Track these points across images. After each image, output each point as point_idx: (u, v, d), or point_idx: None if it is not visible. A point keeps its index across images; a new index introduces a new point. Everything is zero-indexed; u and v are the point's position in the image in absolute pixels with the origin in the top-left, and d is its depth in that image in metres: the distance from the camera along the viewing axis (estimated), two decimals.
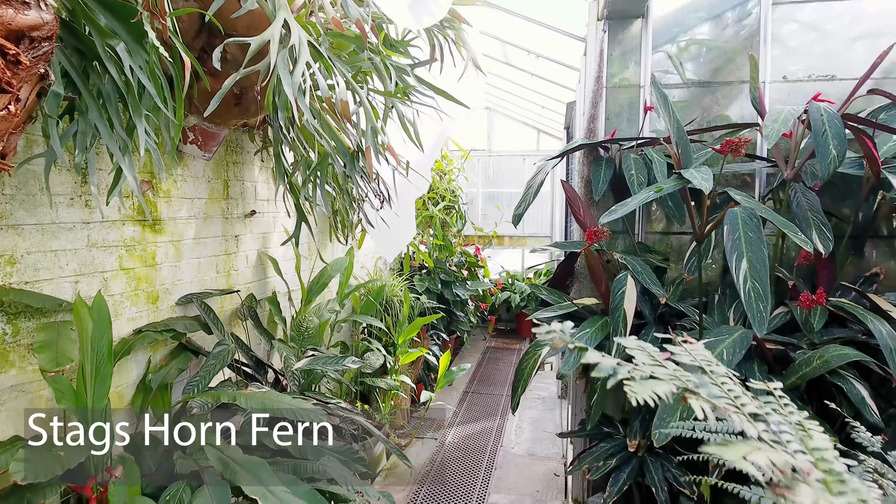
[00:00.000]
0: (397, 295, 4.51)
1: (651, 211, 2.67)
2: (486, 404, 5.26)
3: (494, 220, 7.91)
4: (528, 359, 2.26)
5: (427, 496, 3.62)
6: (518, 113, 7.77)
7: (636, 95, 2.57)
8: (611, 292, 2.15)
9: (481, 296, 7.26)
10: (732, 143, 1.67)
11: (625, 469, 2.21)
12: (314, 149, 2.51)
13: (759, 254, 1.68)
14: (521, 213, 2.44)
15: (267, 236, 3.36)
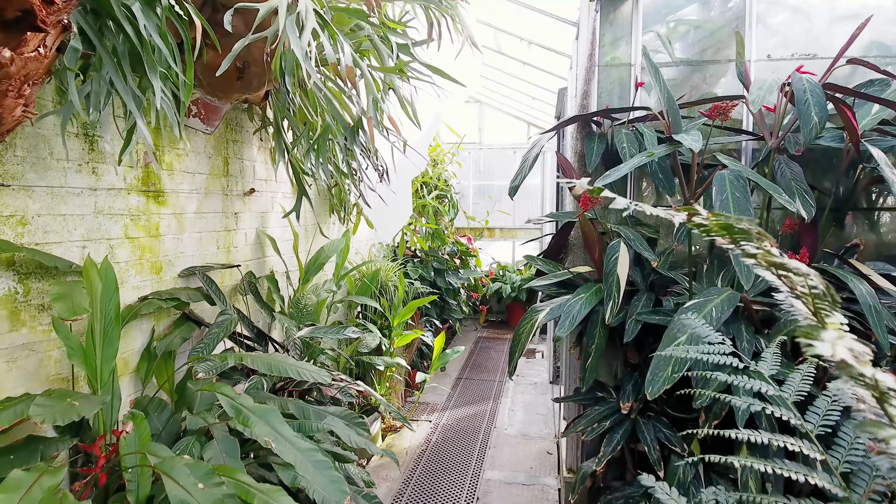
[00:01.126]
0: (392, 280, 4.56)
1: (641, 188, 2.77)
2: (479, 390, 5.33)
3: (486, 209, 8.00)
4: (525, 324, 2.34)
5: (423, 473, 3.68)
6: (509, 106, 7.87)
7: (627, 74, 2.66)
8: (604, 259, 2.23)
9: (473, 285, 7.34)
10: (720, 108, 1.76)
11: (618, 430, 2.29)
12: (317, 115, 2.55)
13: (746, 213, 1.77)
14: (517, 184, 2.51)
15: (265, 216, 3.40)
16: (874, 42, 2.51)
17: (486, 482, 3.60)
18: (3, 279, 1.81)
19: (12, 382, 1.86)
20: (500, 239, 8.34)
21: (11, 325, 1.85)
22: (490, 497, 3.42)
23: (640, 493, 2.32)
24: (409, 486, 3.52)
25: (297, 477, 1.86)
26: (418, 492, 3.46)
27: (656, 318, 2.16)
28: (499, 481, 3.61)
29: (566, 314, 2.19)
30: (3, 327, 1.81)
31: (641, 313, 2.19)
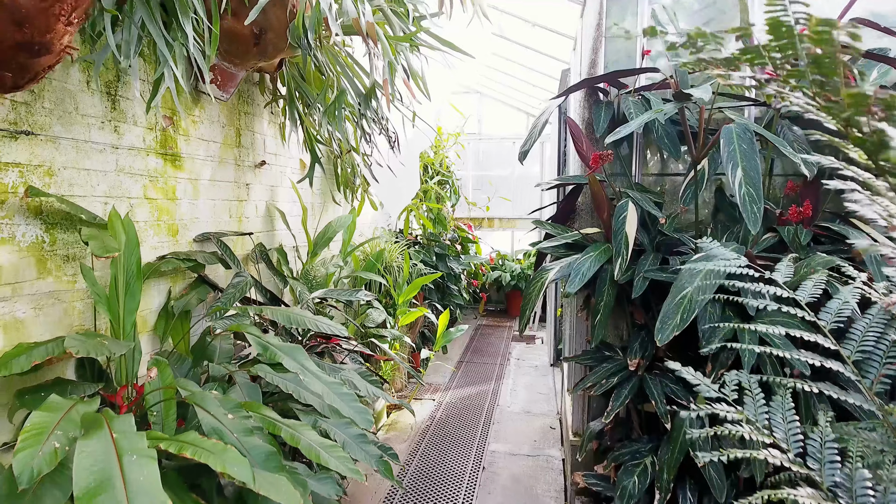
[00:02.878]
0: (396, 260, 4.62)
1: (646, 159, 2.84)
2: (481, 372, 5.39)
3: (487, 197, 8.08)
4: (535, 283, 2.40)
5: (429, 446, 3.74)
6: (508, 96, 7.94)
7: (633, 45, 2.73)
8: (613, 219, 2.30)
9: (473, 272, 7.40)
10: None
11: (626, 386, 2.36)
12: (334, 77, 2.60)
13: (752, 162, 1.84)
14: (527, 150, 2.58)
15: (275, 189, 3.46)
16: (870, 13, 2.59)
17: (491, 453, 3.66)
18: (32, 227, 1.86)
19: (39, 328, 1.91)
20: (499, 229, 8.41)
21: (38, 273, 1.90)
22: (496, 466, 3.48)
23: (648, 448, 2.38)
24: (416, 457, 3.57)
25: (318, 420, 1.92)
26: (425, 462, 3.51)
27: (663, 276, 2.23)
28: (504, 453, 3.67)
29: (576, 271, 2.25)
30: (30, 274, 1.86)
31: (649, 271, 2.26)
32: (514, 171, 8.37)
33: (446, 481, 3.28)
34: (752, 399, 1.01)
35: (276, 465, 1.53)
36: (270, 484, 1.39)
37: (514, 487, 3.23)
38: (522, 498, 3.11)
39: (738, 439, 0.95)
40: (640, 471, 2.27)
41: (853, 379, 1.00)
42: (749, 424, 0.94)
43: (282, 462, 1.56)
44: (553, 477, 3.35)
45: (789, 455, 0.90)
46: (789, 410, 0.98)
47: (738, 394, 1.03)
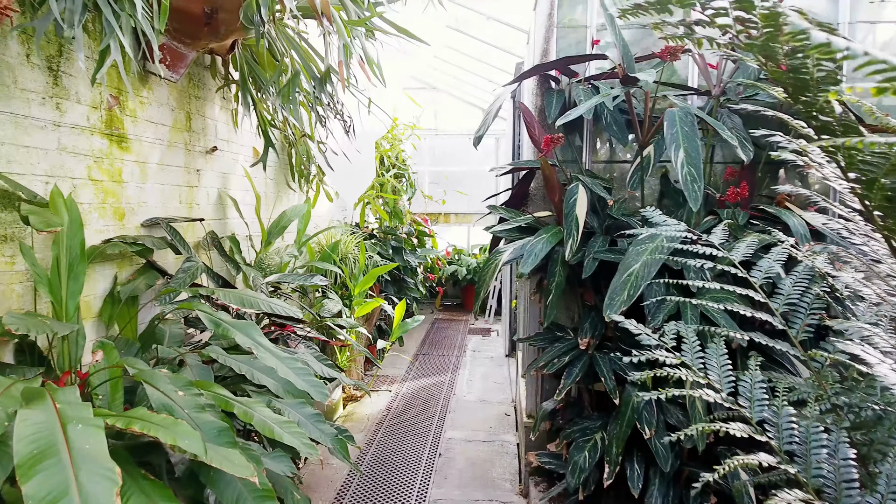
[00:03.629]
0: (352, 251, 4.60)
1: (596, 148, 2.93)
2: (438, 363, 5.42)
3: (442, 197, 8.11)
4: (489, 265, 2.45)
5: (385, 435, 3.74)
6: (465, 92, 8.01)
7: (583, 36, 2.81)
8: (564, 201, 2.36)
9: (430, 266, 7.43)
10: (670, 49, 1.91)
11: (577, 364, 2.43)
12: (289, 57, 2.57)
13: (693, 144, 1.93)
14: (481, 135, 2.62)
15: (227, 177, 3.39)
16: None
17: (447, 440, 3.69)
18: None
19: None
20: (455, 224, 8.46)
21: None
22: (452, 452, 3.51)
23: (598, 424, 2.46)
24: (373, 446, 3.57)
25: (273, 401, 1.90)
26: (382, 450, 3.51)
27: (612, 256, 2.31)
28: (460, 439, 3.71)
29: (529, 253, 2.31)
30: None
31: (598, 252, 2.34)
32: (470, 168, 8.44)
33: (403, 468, 3.29)
34: (690, 346, 1.07)
35: (230, 440, 1.51)
36: (223, 457, 1.37)
37: (470, 471, 3.27)
38: (478, 481, 3.16)
39: (675, 382, 1.01)
40: (591, 446, 2.35)
41: (781, 328, 1.08)
42: (686, 368, 1.00)
43: (235, 438, 1.54)
44: (508, 461, 3.41)
45: (722, 394, 0.97)
46: (723, 356, 1.05)
47: (678, 344, 1.09)
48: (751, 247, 1.26)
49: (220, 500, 1.47)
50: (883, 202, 0.59)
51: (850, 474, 0.85)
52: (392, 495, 3.00)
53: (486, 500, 2.97)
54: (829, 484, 0.86)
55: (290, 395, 1.95)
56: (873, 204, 0.61)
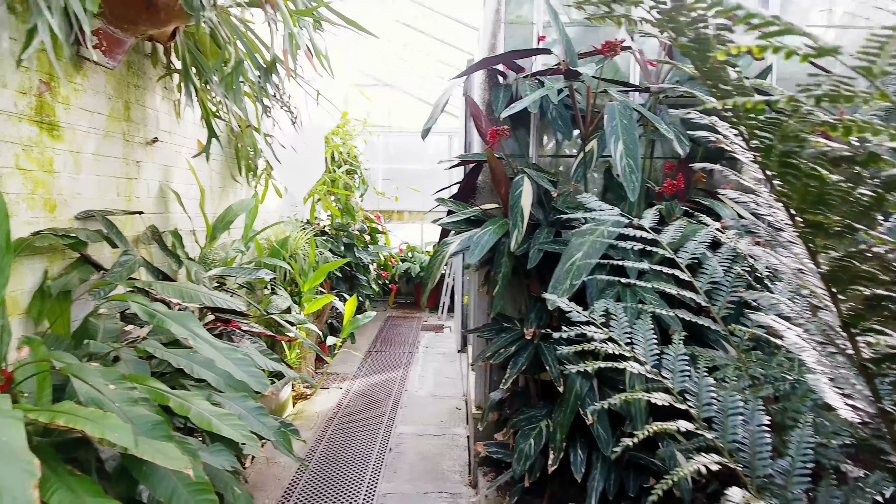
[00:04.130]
0: (302, 247, 4.53)
1: (543, 143, 2.98)
2: (390, 360, 5.41)
3: (396, 194, 8.09)
4: (437, 256, 2.46)
5: (335, 432, 3.71)
6: (419, 88, 8.01)
7: (530, 32, 2.86)
8: (510, 194, 2.40)
9: (383, 263, 7.40)
10: (611, 43, 1.97)
11: (523, 353, 2.47)
12: (233, 45, 2.51)
13: (631, 136, 1.99)
14: (428, 127, 2.63)
15: (170, 169, 3.29)
16: None
17: (398, 435, 3.68)
18: None
19: None
20: (409, 222, 8.46)
21: None
22: (403, 447, 3.51)
23: (543, 412, 2.51)
24: (322, 443, 3.53)
25: (213, 395, 1.86)
26: (332, 447, 3.48)
27: (556, 247, 2.36)
28: (411, 434, 3.71)
29: (475, 244, 2.33)
30: None
31: (543, 243, 2.38)
32: (424, 166, 8.45)
33: (353, 464, 3.27)
34: (618, 323, 1.11)
35: (164, 434, 1.47)
36: (156, 450, 1.33)
37: (421, 465, 3.28)
38: (428, 474, 3.17)
39: (604, 356, 1.04)
40: (536, 434, 2.39)
41: (704, 305, 1.13)
42: (614, 343, 1.04)
43: (171, 432, 1.50)
44: (459, 453, 3.43)
45: (647, 367, 1.01)
46: (649, 331, 1.09)
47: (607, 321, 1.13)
48: (679, 230, 1.32)
49: (153, 495, 1.43)
50: (779, 168, 0.62)
51: (764, 439, 0.91)
52: (341, 492, 2.97)
53: (435, 492, 2.98)
54: (744, 448, 0.91)
55: (232, 388, 1.91)
56: (772, 172, 0.65)
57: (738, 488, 0.75)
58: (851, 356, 0.71)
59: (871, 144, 0.54)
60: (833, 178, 0.57)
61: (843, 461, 0.95)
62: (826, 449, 0.95)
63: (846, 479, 0.93)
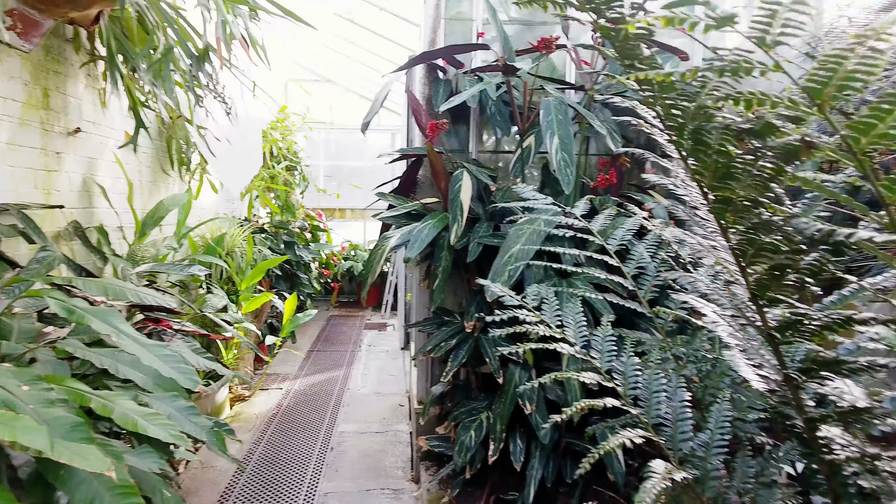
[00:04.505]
0: (239, 245, 4.40)
1: (483, 140, 3.01)
2: (332, 359, 5.33)
3: (337, 192, 7.97)
4: (377, 250, 2.44)
5: (275, 433, 3.62)
6: (361, 86, 7.93)
7: (469, 28, 2.89)
8: (449, 188, 2.41)
9: (325, 261, 7.28)
10: (546, 40, 2.01)
11: (463, 347, 2.49)
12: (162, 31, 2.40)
13: (566, 131, 2.04)
14: (368, 120, 2.61)
15: (94, 162, 3.12)
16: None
17: (340, 434, 3.64)
18: None
19: None
20: (352, 220, 8.36)
21: None
22: (345, 446, 3.47)
23: (484, 405, 2.54)
24: (261, 445, 3.44)
25: (140, 395, 1.78)
26: (271, 449, 3.40)
27: (495, 241, 2.39)
28: (353, 432, 3.67)
29: (415, 238, 2.33)
30: None
31: (483, 237, 2.41)
32: (366, 163, 8.37)
33: (293, 465, 3.20)
34: (549, 306, 1.14)
35: (85, 436, 1.39)
36: (74, 453, 1.26)
37: (363, 462, 3.25)
38: (371, 471, 3.14)
39: (537, 339, 1.07)
40: (477, 425, 2.41)
41: (632, 289, 1.17)
42: (545, 325, 1.06)
43: (92, 434, 1.42)
44: (401, 449, 3.42)
45: (577, 347, 1.04)
46: (578, 314, 1.12)
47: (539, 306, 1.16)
48: (608, 218, 1.37)
49: (72, 501, 1.35)
50: (692, 147, 0.66)
51: (685, 414, 0.95)
52: (280, 493, 2.90)
53: (377, 489, 2.96)
54: (667, 423, 0.95)
55: (161, 388, 1.83)
56: (685, 150, 0.68)
57: (660, 461, 0.78)
58: (760, 326, 0.76)
59: (770, 116, 0.57)
60: (738, 152, 0.60)
61: (758, 433, 1.01)
62: (742, 423, 1.01)
63: (761, 449, 0.99)
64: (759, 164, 0.59)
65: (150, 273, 2.47)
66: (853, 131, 0.54)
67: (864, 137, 0.55)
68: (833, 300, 0.88)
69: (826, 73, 0.53)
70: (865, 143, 0.54)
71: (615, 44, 0.66)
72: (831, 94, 0.54)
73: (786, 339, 0.73)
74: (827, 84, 0.53)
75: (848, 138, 0.55)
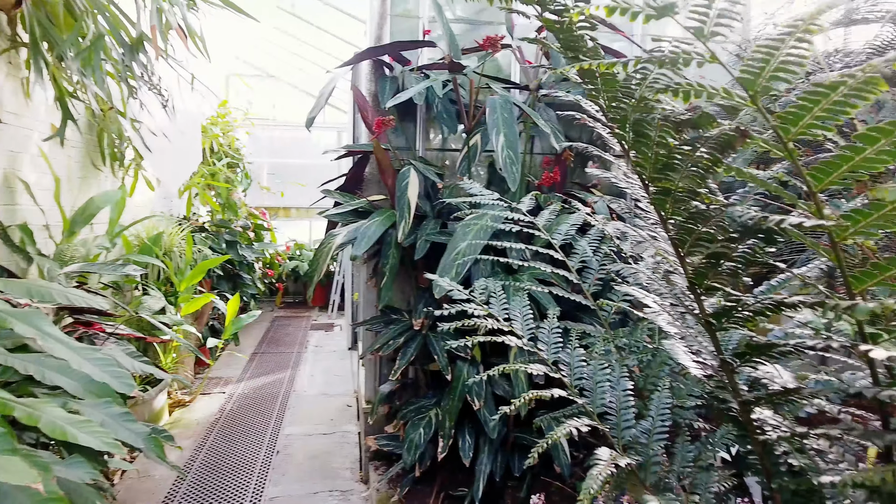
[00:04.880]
0: (178, 245, 4.24)
1: (430, 138, 3.02)
2: (277, 361, 5.21)
3: (281, 190, 7.79)
4: (323, 247, 2.41)
5: (218, 438, 3.50)
6: (306, 83, 7.77)
7: (416, 26, 2.89)
8: (397, 185, 2.40)
9: (269, 261, 7.11)
10: (491, 39, 2.03)
11: (412, 344, 2.48)
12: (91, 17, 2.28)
13: (511, 129, 2.07)
14: (313, 115, 2.56)
15: (17, 156, 2.92)
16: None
17: (286, 437, 3.56)
18: None
19: None
20: (297, 219, 8.19)
21: None
22: (291, 448, 3.40)
23: (433, 402, 2.54)
24: (203, 451, 3.32)
25: (70, 402, 1.68)
26: (214, 455, 3.28)
27: (443, 238, 2.39)
28: (300, 434, 3.60)
29: (362, 235, 2.31)
30: None
31: (430, 234, 2.41)
32: (311, 161, 8.22)
33: (238, 470, 3.11)
34: (496, 300, 1.15)
35: (8, 447, 1.30)
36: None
37: (310, 465, 3.19)
38: (318, 473, 3.09)
39: (485, 332, 1.08)
40: (426, 423, 2.41)
41: (576, 282, 1.20)
42: (493, 319, 1.07)
43: (16, 445, 1.33)
44: (349, 450, 3.38)
45: (524, 340, 1.05)
46: (525, 307, 1.14)
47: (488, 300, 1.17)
48: (553, 213, 1.40)
49: None
50: (633, 139, 0.68)
51: (628, 402, 0.98)
52: (224, 500, 2.81)
53: (325, 491, 2.91)
54: (612, 412, 0.98)
55: (93, 394, 1.73)
56: (627, 143, 0.70)
57: (606, 448, 0.80)
58: (698, 314, 0.79)
59: (705, 108, 0.60)
60: (675, 143, 0.63)
61: (695, 419, 1.05)
62: (681, 410, 1.05)
63: (698, 435, 1.03)
64: (696, 155, 0.62)
65: (79, 274, 2.34)
66: (783, 122, 0.58)
67: (793, 127, 0.58)
68: (763, 290, 0.93)
69: (759, 64, 0.56)
70: (795, 132, 0.58)
71: (560, 36, 0.68)
72: (763, 83, 0.57)
73: (722, 325, 0.77)
74: (760, 74, 0.56)
75: (778, 128, 0.58)
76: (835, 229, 0.63)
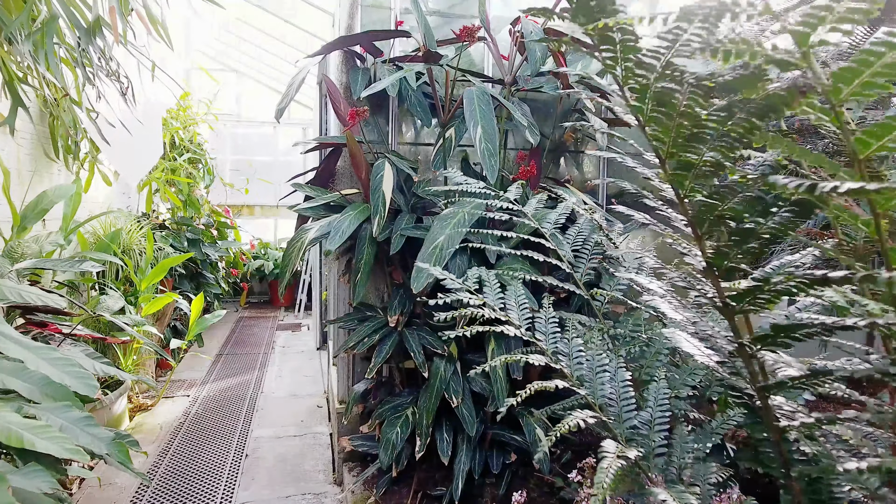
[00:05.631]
0: (137, 242, 4.07)
1: (402, 131, 2.96)
2: (244, 362, 5.07)
3: (246, 178, 7.58)
4: (295, 243, 2.33)
5: (183, 443, 3.37)
6: (272, 78, 7.60)
7: (387, 16, 2.82)
8: (371, 178, 2.34)
9: (233, 259, 6.92)
10: (468, 29, 1.99)
11: (387, 341, 2.42)
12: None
13: (489, 121, 2.04)
14: (283, 107, 2.48)
15: None
16: None
17: (255, 440, 3.45)
18: None
19: None
20: (261, 217, 8.01)
21: None
22: (260, 451, 3.30)
23: (409, 400, 2.49)
24: (168, 457, 3.19)
25: (26, 407, 1.57)
26: (178, 460, 3.16)
27: (418, 233, 2.34)
28: (269, 437, 3.50)
29: (336, 230, 2.24)
30: None
31: (405, 228, 2.36)
32: (277, 158, 8.05)
33: (204, 475, 3.00)
34: (491, 289, 1.11)
35: None
36: None
37: (281, 468, 3.10)
38: (289, 476, 3.00)
39: (481, 321, 1.04)
40: (402, 422, 2.36)
41: (568, 271, 1.18)
42: (488, 307, 1.03)
43: None
44: (321, 452, 3.30)
45: (521, 329, 1.02)
46: (520, 296, 1.11)
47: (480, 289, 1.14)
48: (540, 202, 1.37)
49: None
50: (652, 110, 0.65)
51: (628, 393, 0.96)
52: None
53: (297, 494, 2.83)
54: (612, 403, 0.95)
55: (51, 398, 1.62)
56: (645, 116, 0.67)
57: (611, 440, 0.77)
58: (713, 297, 0.77)
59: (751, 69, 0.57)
60: (705, 113, 0.60)
61: (690, 409, 1.04)
62: (677, 400, 1.03)
63: (695, 424, 1.02)
64: (731, 123, 0.59)
65: (32, 271, 2.21)
66: (836, 81, 0.55)
67: (846, 87, 0.55)
68: (775, 266, 0.91)
69: (817, 15, 0.53)
70: (847, 93, 0.55)
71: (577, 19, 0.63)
72: (821, 36, 0.54)
73: (742, 307, 0.74)
74: (818, 24, 0.53)
75: (829, 90, 0.55)
76: (878, 199, 0.61)
